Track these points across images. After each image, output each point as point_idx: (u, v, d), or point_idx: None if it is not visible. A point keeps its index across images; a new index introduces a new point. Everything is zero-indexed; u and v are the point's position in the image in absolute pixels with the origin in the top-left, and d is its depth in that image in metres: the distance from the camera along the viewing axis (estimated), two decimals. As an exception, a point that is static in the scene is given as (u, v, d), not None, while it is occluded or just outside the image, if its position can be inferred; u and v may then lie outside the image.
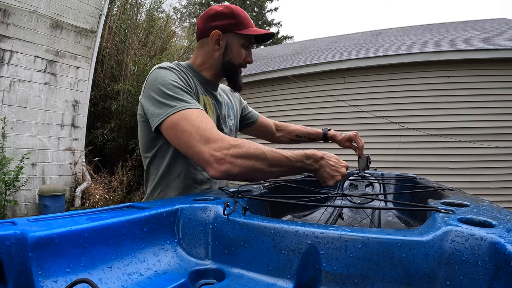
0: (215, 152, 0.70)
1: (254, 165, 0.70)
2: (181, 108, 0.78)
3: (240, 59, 0.99)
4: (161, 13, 9.81)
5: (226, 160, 0.69)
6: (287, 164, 0.74)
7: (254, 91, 6.04)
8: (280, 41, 19.35)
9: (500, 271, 0.31)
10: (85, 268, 0.41)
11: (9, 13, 4.29)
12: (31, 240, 0.36)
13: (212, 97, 1.03)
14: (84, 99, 5.29)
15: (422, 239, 0.36)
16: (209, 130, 0.74)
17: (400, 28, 8.45)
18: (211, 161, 0.70)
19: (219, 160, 0.70)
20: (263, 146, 0.73)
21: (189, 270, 0.48)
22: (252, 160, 0.70)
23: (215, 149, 0.70)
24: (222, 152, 0.70)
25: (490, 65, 4.35)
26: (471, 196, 0.66)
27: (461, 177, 4.37)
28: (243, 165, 0.70)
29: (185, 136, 0.75)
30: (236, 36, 0.96)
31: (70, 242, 0.40)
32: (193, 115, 0.77)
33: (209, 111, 0.99)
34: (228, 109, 1.14)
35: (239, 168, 0.70)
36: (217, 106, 1.04)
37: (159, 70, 0.88)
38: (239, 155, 0.70)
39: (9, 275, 0.37)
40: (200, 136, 0.73)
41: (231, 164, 0.69)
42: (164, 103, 0.80)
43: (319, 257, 0.40)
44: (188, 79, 0.92)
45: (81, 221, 0.45)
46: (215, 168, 0.70)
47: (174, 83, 0.84)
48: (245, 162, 0.70)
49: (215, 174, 0.71)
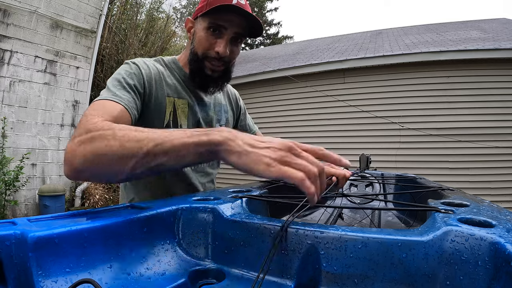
0: (70, 140, 0.54)
1: (98, 148, 0.49)
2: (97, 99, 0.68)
3: (203, 47, 0.81)
4: (161, 13, 9.81)
5: (70, 149, 0.52)
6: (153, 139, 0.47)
7: (254, 91, 6.04)
8: (280, 41, 19.36)
9: (500, 271, 0.31)
10: (85, 268, 0.41)
11: (9, 13, 4.29)
12: (31, 240, 0.36)
13: (193, 97, 0.91)
14: (84, 99, 5.29)
15: (422, 239, 0.37)
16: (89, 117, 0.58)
17: (400, 28, 8.45)
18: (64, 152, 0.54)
19: (67, 151, 0.53)
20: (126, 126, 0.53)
21: (189, 270, 0.48)
22: (97, 142, 0.50)
23: (73, 136, 0.54)
24: (73, 140, 0.53)
25: (490, 65, 4.35)
26: (471, 196, 0.66)
27: (461, 177, 4.37)
28: (83, 151, 0.50)
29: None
30: (201, 19, 0.81)
31: (70, 242, 0.40)
32: (97, 104, 0.65)
33: (181, 116, 0.87)
34: (220, 113, 1.01)
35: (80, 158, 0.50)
36: (199, 109, 0.92)
37: (123, 65, 0.82)
38: (83, 140, 0.51)
39: (9, 275, 0.37)
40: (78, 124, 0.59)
41: (73, 154, 0.51)
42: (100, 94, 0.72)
43: (319, 257, 0.40)
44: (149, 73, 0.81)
45: (81, 221, 0.45)
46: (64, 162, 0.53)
47: (118, 77, 0.75)
48: (87, 147, 0.50)
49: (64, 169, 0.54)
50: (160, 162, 0.47)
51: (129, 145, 0.47)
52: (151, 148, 0.46)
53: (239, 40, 0.83)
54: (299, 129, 5.54)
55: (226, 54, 0.81)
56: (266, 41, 19.62)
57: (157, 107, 0.83)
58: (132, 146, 0.47)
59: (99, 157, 0.49)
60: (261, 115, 5.95)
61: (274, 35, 19.73)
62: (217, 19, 0.78)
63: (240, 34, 0.82)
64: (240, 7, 0.76)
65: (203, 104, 0.94)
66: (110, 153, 0.48)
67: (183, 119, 0.88)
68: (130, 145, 0.47)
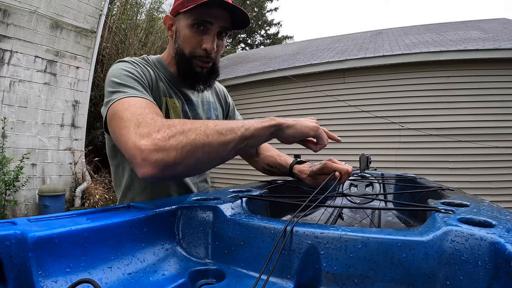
0: (140, 140, 0.51)
1: (195, 139, 0.52)
2: (124, 96, 0.64)
3: (189, 45, 0.78)
4: (161, 13, 9.80)
5: (155, 145, 0.50)
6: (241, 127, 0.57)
7: (254, 91, 6.04)
8: (280, 41, 19.36)
9: (500, 271, 0.31)
10: (85, 268, 0.41)
11: (9, 13, 4.29)
12: (31, 240, 0.36)
13: (181, 96, 0.89)
14: (84, 99, 5.29)
15: (422, 239, 0.37)
16: (144, 115, 0.57)
17: (400, 28, 8.45)
18: (135, 154, 0.51)
19: (145, 149, 0.50)
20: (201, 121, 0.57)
21: (189, 270, 0.48)
22: (192, 134, 0.52)
23: (142, 135, 0.52)
24: (150, 137, 0.51)
25: (490, 65, 4.35)
26: (471, 196, 0.66)
27: (461, 177, 4.37)
28: (180, 144, 0.51)
29: (117, 125, 0.59)
30: (183, 16, 0.77)
31: (70, 242, 0.40)
32: (134, 101, 0.63)
33: (174, 116, 0.85)
34: (209, 110, 0.98)
35: (175, 152, 0.50)
36: (188, 108, 0.90)
37: (116, 63, 0.77)
38: (172, 134, 0.52)
39: (9, 275, 0.37)
40: (130, 122, 0.56)
41: (163, 150, 0.50)
42: (112, 93, 0.67)
43: (319, 257, 0.40)
44: (148, 73, 0.80)
45: (81, 221, 0.45)
46: (142, 162, 0.51)
47: (125, 73, 0.72)
48: (182, 140, 0.51)
49: (144, 170, 0.51)
50: (246, 143, 0.59)
51: (226, 132, 0.55)
52: (243, 133, 0.57)
53: (223, 34, 0.81)
54: (299, 129, 5.53)
55: (214, 50, 0.79)
56: (266, 41, 19.62)
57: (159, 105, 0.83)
58: (229, 133, 0.56)
59: (198, 148, 0.53)
60: (261, 115, 5.94)
61: (274, 35, 19.73)
62: (201, 15, 0.75)
63: (225, 28, 0.79)
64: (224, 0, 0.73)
65: (191, 103, 0.92)
66: (210, 142, 0.53)
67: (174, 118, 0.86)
68: (227, 132, 0.56)
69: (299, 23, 70.62)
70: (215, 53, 0.80)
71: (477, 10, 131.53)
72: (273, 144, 0.98)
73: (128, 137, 0.54)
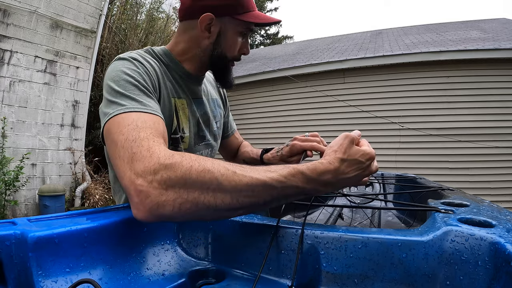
0: (136, 178, 0.44)
1: (199, 199, 0.42)
2: (121, 111, 0.56)
3: (234, 51, 0.78)
4: (161, 13, 9.81)
5: (150, 192, 0.42)
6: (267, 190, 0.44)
7: (254, 91, 6.04)
8: (280, 41, 19.36)
9: (500, 271, 0.31)
10: (85, 268, 0.41)
11: (9, 13, 4.29)
12: (31, 240, 0.36)
13: (191, 96, 0.83)
14: (84, 99, 5.29)
15: (422, 239, 0.36)
16: (139, 142, 0.48)
17: (400, 28, 8.45)
18: (131, 193, 0.44)
19: (140, 191, 0.42)
20: (219, 162, 0.45)
21: (189, 270, 0.48)
22: (195, 191, 0.42)
23: (137, 173, 0.44)
24: (146, 178, 0.43)
25: (490, 65, 4.35)
26: (471, 196, 0.66)
27: (461, 177, 4.37)
28: (178, 200, 0.42)
29: (112, 150, 0.52)
30: (233, 22, 0.74)
31: (70, 242, 0.40)
32: (129, 119, 0.54)
33: (182, 118, 0.80)
34: (215, 109, 0.94)
35: (171, 207, 0.42)
36: (196, 107, 0.85)
37: (116, 62, 0.69)
38: (171, 183, 0.42)
39: (9, 275, 0.37)
40: (125, 151, 0.48)
41: (158, 200, 0.42)
42: (110, 103, 0.59)
43: (319, 257, 0.40)
44: (153, 72, 0.72)
45: (81, 221, 0.45)
46: (137, 205, 0.43)
47: (125, 77, 0.63)
48: (183, 195, 0.42)
49: (138, 214, 0.43)
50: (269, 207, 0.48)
51: (242, 200, 0.43)
52: (268, 201, 0.44)
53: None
54: (299, 129, 5.54)
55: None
56: (266, 41, 19.62)
57: (165, 111, 0.75)
58: (246, 200, 0.43)
59: (201, 209, 0.42)
60: (261, 115, 5.95)
61: (274, 35, 19.73)
62: (251, 25, 0.76)
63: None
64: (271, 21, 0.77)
65: (200, 102, 0.87)
66: (218, 207, 0.42)
67: (185, 121, 0.81)
68: (244, 199, 0.43)
69: (299, 23, 70.62)
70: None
71: (477, 10, 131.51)
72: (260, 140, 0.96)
73: (124, 172, 0.46)
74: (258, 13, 0.75)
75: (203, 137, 0.87)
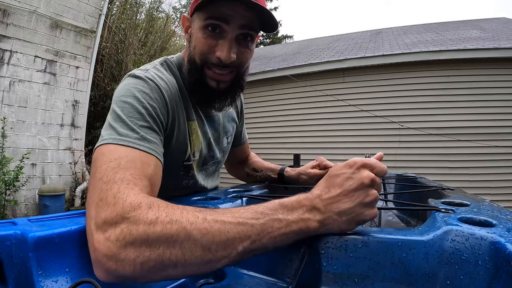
0: (94, 231, 0.38)
1: (164, 255, 0.36)
2: (114, 141, 0.50)
3: (200, 52, 0.63)
4: (160, 12, 9.81)
5: (107, 249, 0.36)
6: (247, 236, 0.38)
7: (254, 91, 6.04)
8: (280, 40, 19.36)
9: (500, 270, 0.31)
10: (85, 268, 0.41)
11: (9, 13, 4.29)
12: (31, 240, 0.36)
13: (203, 114, 0.75)
14: (84, 99, 5.29)
15: (422, 239, 0.36)
16: (110, 185, 0.42)
17: (400, 28, 8.44)
18: (90, 248, 0.39)
19: (96, 249, 0.37)
20: (188, 209, 0.40)
21: (189, 270, 0.48)
22: (159, 246, 0.36)
23: (97, 224, 0.39)
24: (104, 231, 0.37)
25: (490, 65, 4.35)
26: (472, 196, 0.66)
27: (461, 176, 4.38)
28: (140, 259, 0.36)
29: (90, 181, 0.46)
30: (197, 16, 0.63)
31: (70, 242, 0.40)
32: (116, 154, 0.47)
33: (195, 141, 0.73)
34: (228, 123, 0.87)
35: (132, 266, 0.36)
36: (208, 127, 0.77)
37: (130, 79, 0.60)
38: (131, 239, 0.36)
39: (9, 275, 0.37)
40: (94, 193, 0.43)
41: (116, 259, 0.36)
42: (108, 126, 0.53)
43: (319, 257, 0.40)
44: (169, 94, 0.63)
45: (81, 221, 0.45)
46: (94, 263, 0.38)
47: (134, 103, 0.55)
48: (145, 253, 0.36)
49: (96, 273, 0.38)
50: (252, 254, 0.39)
51: (215, 248, 0.37)
52: (247, 246, 0.38)
53: (248, 38, 0.64)
54: (299, 129, 5.54)
55: (231, 60, 0.62)
56: (266, 41, 19.62)
57: (180, 137, 0.68)
58: (221, 249, 0.37)
59: (166, 266, 0.36)
60: (261, 115, 5.95)
61: (274, 35, 19.72)
62: (215, 12, 0.59)
63: (249, 28, 0.62)
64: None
65: (212, 120, 0.78)
66: (187, 261, 0.36)
67: (197, 145, 0.73)
68: (217, 247, 0.37)
69: (298, 22, 70.59)
70: (238, 61, 0.64)
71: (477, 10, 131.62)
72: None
73: (88, 215, 0.41)
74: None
75: (212, 156, 0.82)
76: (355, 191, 0.40)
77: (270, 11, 0.60)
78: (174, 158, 0.69)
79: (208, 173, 0.86)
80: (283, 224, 0.39)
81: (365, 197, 0.40)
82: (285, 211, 0.40)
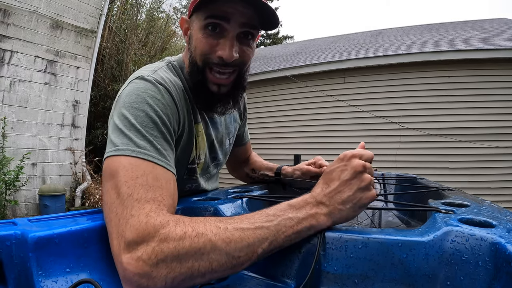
0: (122, 251, 0.39)
1: (193, 268, 0.38)
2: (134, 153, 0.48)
3: (201, 52, 0.62)
4: (161, 13, 9.82)
5: (140, 270, 0.37)
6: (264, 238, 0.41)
7: (254, 91, 6.04)
8: (280, 41, 19.36)
9: (500, 271, 0.31)
10: (85, 268, 0.41)
11: (9, 13, 4.29)
12: (31, 240, 0.36)
13: (204, 116, 0.74)
14: (84, 99, 5.29)
15: (423, 240, 0.36)
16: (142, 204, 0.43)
17: (400, 28, 8.44)
18: (118, 267, 0.40)
19: (125, 268, 0.38)
20: (209, 221, 0.42)
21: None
22: (188, 260, 0.38)
23: (125, 244, 0.39)
24: (136, 251, 0.38)
25: (490, 65, 4.35)
26: (472, 196, 0.66)
27: (461, 177, 4.37)
28: (171, 275, 0.38)
29: (109, 196, 0.46)
30: (196, 16, 0.62)
31: (70, 242, 0.40)
32: (140, 169, 0.47)
33: (200, 144, 0.72)
34: (230, 124, 0.86)
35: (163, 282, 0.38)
36: (212, 129, 0.77)
37: (139, 82, 0.58)
38: (163, 257, 0.38)
39: (9, 275, 0.37)
40: (124, 209, 0.43)
41: (148, 277, 0.37)
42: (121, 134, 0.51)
43: (319, 257, 0.40)
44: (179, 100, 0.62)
45: (81, 221, 0.45)
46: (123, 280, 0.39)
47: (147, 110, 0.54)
48: (175, 269, 0.38)
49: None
50: (270, 253, 0.43)
51: (238, 254, 0.40)
52: (266, 248, 0.41)
53: (250, 36, 0.63)
54: (299, 129, 5.54)
55: (234, 58, 0.60)
56: (266, 41, 19.62)
57: (187, 140, 0.67)
58: (243, 254, 0.40)
59: (196, 277, 0.39)
60: (261, 115, 5.95)
61: (274, 35, 19.73)
62: (214, 11, 0.58)
63: (250, 26, 0.61)
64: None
65: (214, 122, 0.78)
66: (214, 270, 0.39)
67: (202, 148, 0.73)
68: (240, 253, 0.40)
69: (299, 23, 70.63)
70: (239, 60, 0.63)
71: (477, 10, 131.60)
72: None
73: (112, 237, 0.42)
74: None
75: (215, 158, 0.82)
76: (351, 180, 0.45)
77: (269, 5, 0.59)
78: (180, 162, 0.68)
79: (210, 175, 0.86)
80: (294, 222, 0.43)
81: (361, 183, 0.45)
82: (294, 210, 0.44)
